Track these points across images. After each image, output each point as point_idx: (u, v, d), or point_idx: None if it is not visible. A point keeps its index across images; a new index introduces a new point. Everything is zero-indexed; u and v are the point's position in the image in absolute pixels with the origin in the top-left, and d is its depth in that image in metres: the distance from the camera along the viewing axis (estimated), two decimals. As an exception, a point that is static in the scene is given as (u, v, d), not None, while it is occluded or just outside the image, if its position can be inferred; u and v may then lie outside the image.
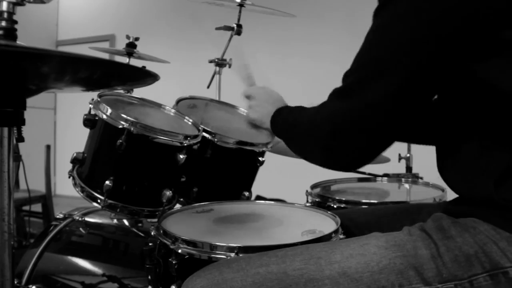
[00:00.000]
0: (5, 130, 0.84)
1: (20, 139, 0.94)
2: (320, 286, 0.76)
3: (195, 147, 1.28)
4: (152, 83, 0.88)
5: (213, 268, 0.82)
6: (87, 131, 1.27)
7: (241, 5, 1.94)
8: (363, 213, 1.16)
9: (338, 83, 1.22)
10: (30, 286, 1.28)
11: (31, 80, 0.80)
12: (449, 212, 0.84)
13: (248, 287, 0.77)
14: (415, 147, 2.00)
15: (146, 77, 0.85)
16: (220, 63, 1.99)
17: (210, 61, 2.01)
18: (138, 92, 1.46)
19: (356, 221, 1.10)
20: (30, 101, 0.85)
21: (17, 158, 1.64)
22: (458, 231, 0.77)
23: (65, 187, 4.28)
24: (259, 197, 2.37)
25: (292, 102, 1.07)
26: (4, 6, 0.81)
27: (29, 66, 0.70)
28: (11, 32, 0.82)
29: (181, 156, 1.22)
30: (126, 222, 1.38)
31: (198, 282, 0.80)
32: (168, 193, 1.23)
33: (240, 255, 0.88)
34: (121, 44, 2.11)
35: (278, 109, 1.04)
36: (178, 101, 1.49)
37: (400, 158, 2.10)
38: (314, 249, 0.82)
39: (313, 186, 1.71)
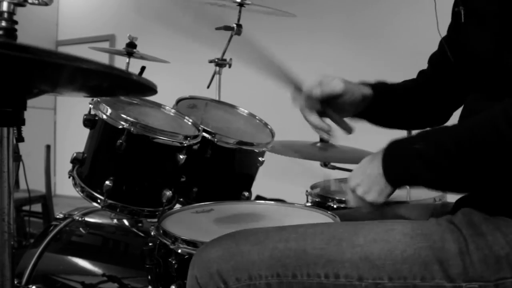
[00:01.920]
0: (5, 130, 0.84)
1: (20, 139, 0.94)
2: (339, 269, 0.73)
3: (195, 147, 1.28)
4: (152, 95, 0.87)
5: (229, 239, 0.79)
6: (87, 131, 1.27)
7: (241, 5, 1.94)
8: (365, 213, 1.15)
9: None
10: (30, 286, 1.28)
11: (38, 84, 0.80)
12: (476, 206, 0.79)
13: (265, 261, 0.75)
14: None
15: (149, 90, 0.84)
16: (220, 63, 1.99)
17: (210, 61, 2.01)
18: (138, 92, 1.46)
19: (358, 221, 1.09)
20: (30, 101, 0.85)
21: (17, 158, 1.64)
22: (489, 228, 0.72)
23: (65, 187, 4.27)
24: (259, 197, 2.37)
25: (292, 101, 1.04)
26: (5, 6, 0.81)
27: (39, 71, 0.69)
28: (11, 32, 0.82)
29: (181, 156, 1.22)
30: (126, 222, 1.38)
31: (213, 252, 0.78)
32: (168, 193, 1.23)
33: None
34: (121, 44, 2.11)
35: (388, 154, 0.79)
36: (178, 101, 1.49)
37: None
38: (336, 229, 0.79)
39: (313, 186, 1.71)
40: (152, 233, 1.02)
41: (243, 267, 0.76)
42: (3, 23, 0.81)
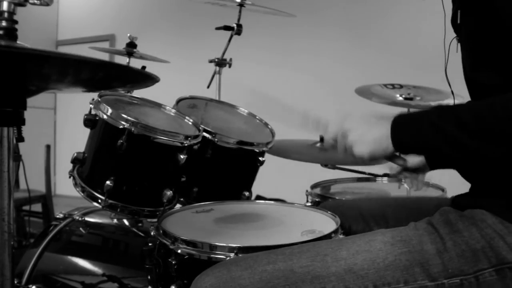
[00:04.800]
0: (5, 130, 0.84)
1: (20, 139, 0.94)
2: (326, 283, 0.76)
3: (196, 147, 1.28)
4: (152, 85, 0.88)
5: (221, 267, 0.82)
6: (87, 131, 1.27)
7: (241, 5, 1.94)
8: (369, 202, 1.17)
9: (338, 82, 1.22)
10: (30, 286, 1.28)
11: (32, 81, 0.80)
12: (457, 204, 0.84)
13: (256, 284, 0.77)
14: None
15: (146, 79, 0.85)
16: (220, 63, 1.99)
17: (210, 61, 2.01)
18: (138, 92, 1.46)
19: (362, 209, 1.11)
20: (30, 101, 0.85)
21: (17, 158, 1.64)
22: (465, 225, 0.77)
23: (65, 187, 4.27)
24: (259, 197, 2.37)
25: (292, 101, 1.05)
26: (5, 6, 0.81)
27: (30, 67, 0.71)
28: (11, 32, 0.82)
29: (182, 156, 1.22)
30: (126, 222, 1.38)
31: (207, 280, 0.80)
32: (169, 193, 1.23)
33: (240, 255, 0.88)
34: (121, 44, 2.11)
35: (401, 117, 0.81)
36: (178, 101, 1.49)
37: (400, 158, 2.09)
38: (320, 246, 0.82)
39: (313, 186, 1.71)
40: (152, 233, 1.02)
41: None
42: (3, 23, 0.81)
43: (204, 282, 0.80)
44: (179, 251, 0.93)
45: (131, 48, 1.96)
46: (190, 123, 1.37)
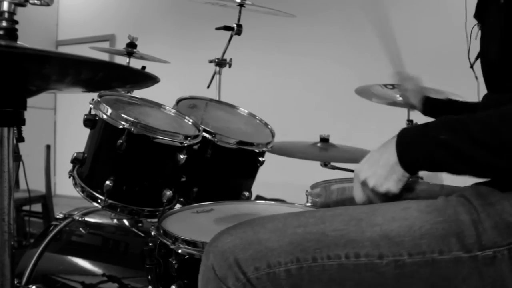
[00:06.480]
0: (5, 130, 0.84)
1: (20, 139, 0.94)
2: (359, 248, 0.73)
3: (195, 147, 1.28)
4: (152, 85, 0.88)
5: (247, 227, 0.77)
6: (87, 131, 1.27)
7: (241, 5, 1.94)
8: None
9: (338, 82, 1.22)
10: (30, 286, 1.28)
11: (32, 81, 0.80)
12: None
13: (285, 247, 0.74)
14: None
15: (147, 79, 0.85)
16: (220, 63, 1.99)
17: (210, 61, 2.01)
18: (138, 92, 1.46)
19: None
20: (30, 101, 0.85)
21: (17, 158, 1.65)
22: (497, 198, 0.75)
23: (65, 187, 4.27)
24: (259, 197, 2.37)
25: (292, 101, 1.05)
26: (5, 6, 0.81)
27: (30, 67, 0.71)
28: (11, 32, 0.82)
29: (181, 156, 1.22)
30: (126, 222, 1.38)
31: (230, 240, 0.75)
32: (168, 193, 1.23)
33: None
34: (121, 44, 2.11)
35: (405, 138, 0.79)
36: (178, 101, 1.50)
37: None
38: (354, 210, 0.79)
39: (313, 186, 1.71)
40: (152, 233, 1.02)
41: (262, 256, 0.74)
42: (4, 23, 0.81)
43: (226, 243, 0.75)
44: (179, 251, 0.93)
45: (131, 48, 1.96)
46: (190, 123, 1.37)
